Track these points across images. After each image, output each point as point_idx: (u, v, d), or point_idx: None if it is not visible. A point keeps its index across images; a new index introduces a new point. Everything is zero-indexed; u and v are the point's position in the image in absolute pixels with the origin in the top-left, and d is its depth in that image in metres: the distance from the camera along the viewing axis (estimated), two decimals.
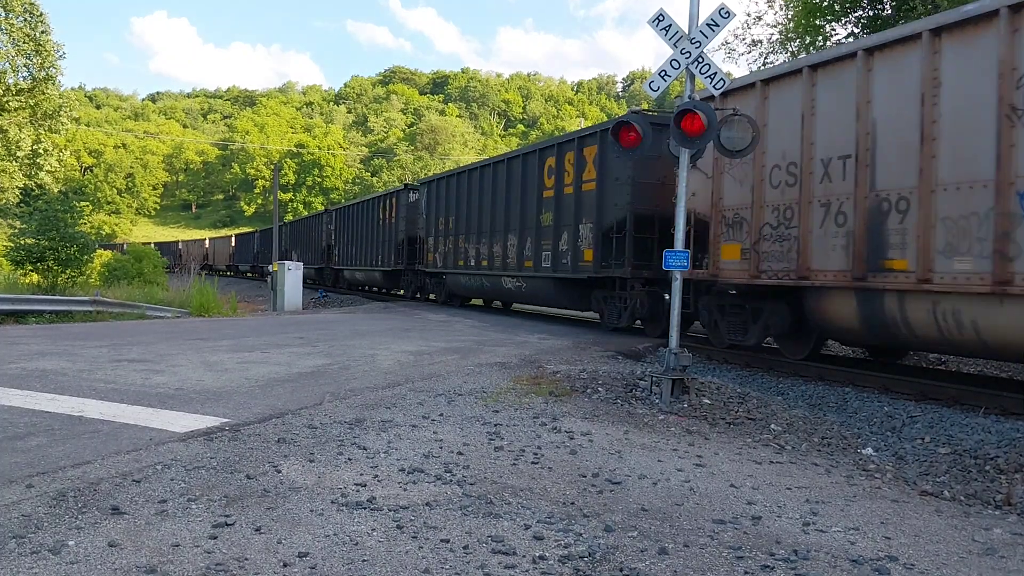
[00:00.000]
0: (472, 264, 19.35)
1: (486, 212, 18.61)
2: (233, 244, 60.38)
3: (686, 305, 10.24)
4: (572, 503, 4.28)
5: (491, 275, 18.43)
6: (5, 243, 26.82)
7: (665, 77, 7.61)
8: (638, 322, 13.95)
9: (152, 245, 71.80)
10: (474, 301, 23.25)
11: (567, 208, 14.74)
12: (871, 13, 18.71)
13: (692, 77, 7.65)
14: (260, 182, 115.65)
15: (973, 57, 7.33)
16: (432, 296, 23.94)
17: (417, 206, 24.04)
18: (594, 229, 13.69)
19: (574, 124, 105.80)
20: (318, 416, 6.21)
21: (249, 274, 54.88)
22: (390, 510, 4.00)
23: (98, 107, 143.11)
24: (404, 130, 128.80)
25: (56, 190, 35.70)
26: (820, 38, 19.28)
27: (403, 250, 24.48)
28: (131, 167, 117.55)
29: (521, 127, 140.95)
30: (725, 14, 7.38)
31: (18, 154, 31.62)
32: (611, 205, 13.30)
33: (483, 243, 18.71)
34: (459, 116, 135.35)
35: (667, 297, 11.08)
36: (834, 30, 19.49)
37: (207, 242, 68.02)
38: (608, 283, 13.81)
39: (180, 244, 73.06)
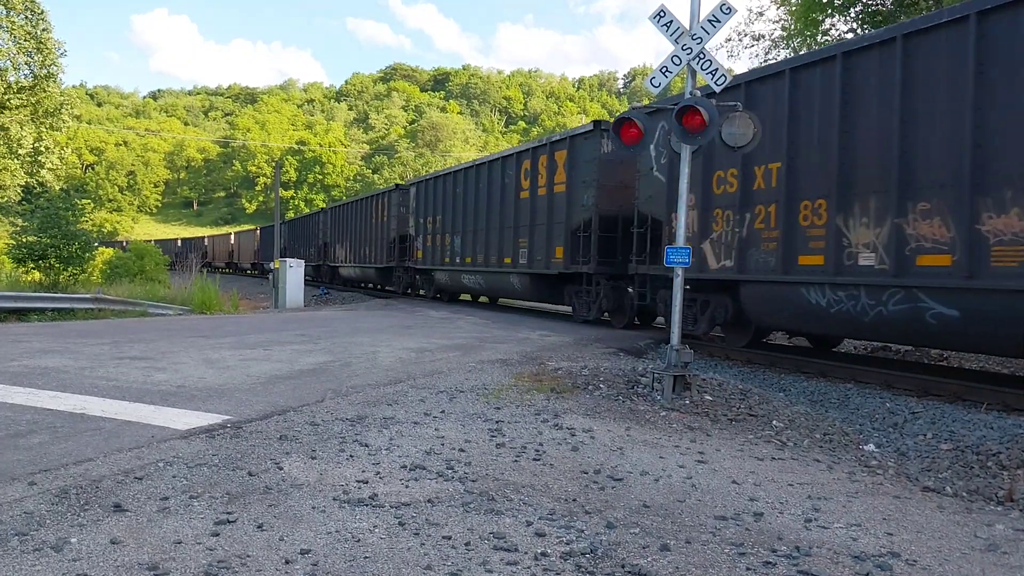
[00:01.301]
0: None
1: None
2: (258, 238, 51.96)
3: None
4: (574, 500, 4.28)
5: None
6: (7, 241, 26.84)
7: (666, 73, 7.60)
8: None
9: (178, 242, 70.00)
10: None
11: None
12: (871, 8, 18.67)
13: (693, 73, 7.63)
14: (261, 179, 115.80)
15: None
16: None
17: (619, 163, 13.90)
18: None
19: (576, 121, 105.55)
20: (320, 413, 6.21)
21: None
22: (392, 507, 4.00)
23: (99, 105, 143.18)
24: (405, 127, 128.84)
25: (58, 188, 35.70)
26: (820, 34, 19.26)
27: (584, 240, 14.38)
28: (132, 165, 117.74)
29: (523, 124, 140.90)
30: (726, 10, 7.36)
31: (20, 152, 31.64)
32: None
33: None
34: (460, 113, 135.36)
35: None
36: (834, 25, 19.47)
37: (232, 237, 60.14)
38: None
39: (207, 240, 66.77)
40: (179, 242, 70.46)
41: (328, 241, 36.03)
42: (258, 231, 52.58)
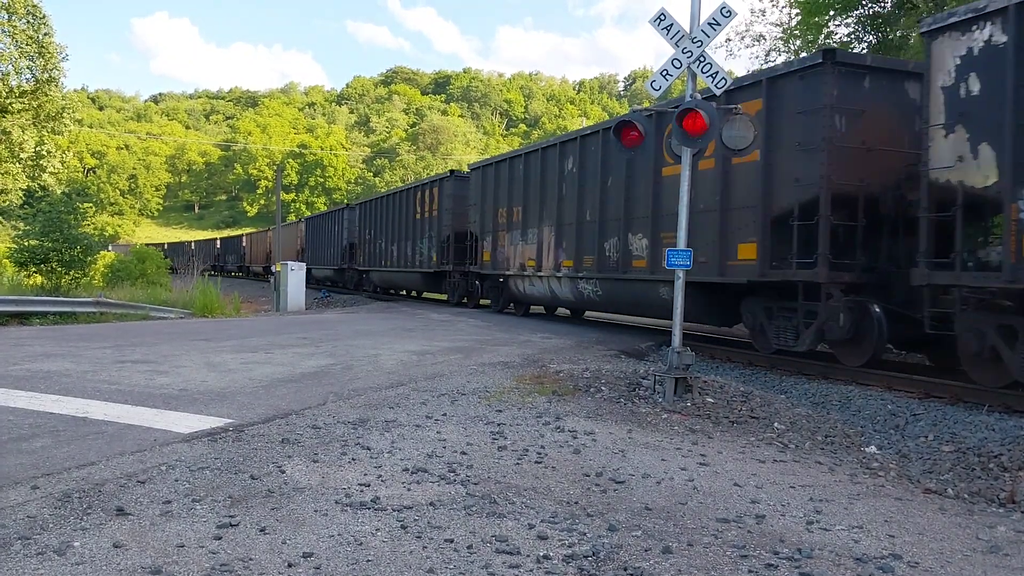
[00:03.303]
0: None
1: None
2: (302, 234, 40.81)
3: None
4: (576, 502, 4.28)
5: None
6: (9, 245, 26.88)
7: (667, 76, 7.61)
8: None
9: (217, 242, 63.69)
10: None
11: None
12: (872, 11, 18.69)
13: (694, 76, 7.64)
14: (263, 183, 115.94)
15: None
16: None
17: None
18: None
19: (577, 123, 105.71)
20: (322, 416, 6.22)
21: (334, 284, 35.10)
22: (394, 510, 4.00)
23: (101, 108, 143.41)
24: (406, 130, 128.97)
25: (59, 191, 35.75)
26: (821, 36, 19.27)
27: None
28: (134, 168, 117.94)
29: (523, 127, 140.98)
30: (727, 13, 7.37)
31: (21, 156, 31.67)
32: None
33: None
34: (461, 116, 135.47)
35: None
36: (836, 28, 19.48)
37: (269, 234, 48.38)
38: None
39: (243, 239, 56.97)
40: (218, 243, 64.64)
41: (502, 223, 19.07)
42: (302, 225, 42.40)
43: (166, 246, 69.57)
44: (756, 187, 10.18)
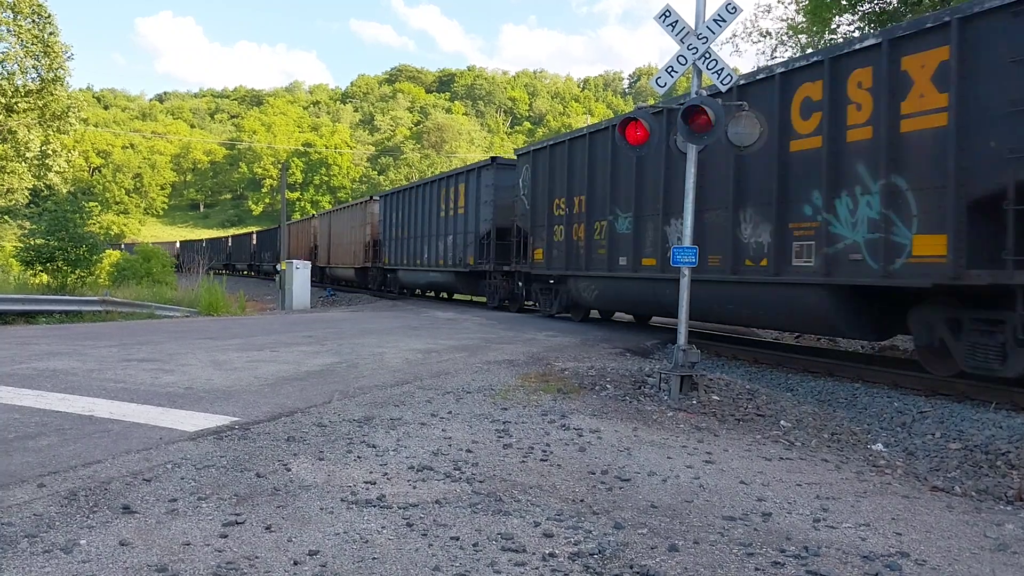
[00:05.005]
0: None
1: None
2: (375, 218, 29.27)
3: None
4: (581, 500, 4.28)
5: None
6: (15, 244, 26.97)
7: (672, 73, 7.59)
8: None
9: (254, 236, 59.08)
10: None
11: None
12: (877, 8, 18.64)
13: (699, 73, 7.62)
14: (268, 181, 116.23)
15: None
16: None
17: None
18: None
19: (581, 121, 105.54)
20: (327, 414, 6.22)
21: (451, 292, 25.47)
22: (400, 508, 4.00)
23: (106, 108, 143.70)
24: (410, 128, 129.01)
25: (65, 191, 35.87)
26: (827, 32, 19.24)
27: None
28: (139, 167, 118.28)
29: (528, 124, 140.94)
30: (732, 9, 7.35)
31: (27, 155, 31.80)
32: None
33: None
34: (465, 114, 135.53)
35: None
36: (840, 24, 19.44)
37: (315, 224, 40.09)
38: None
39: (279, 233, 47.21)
40: (254, 237, 58.47)
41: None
42: (376, 206, 29.50)
43: (204, 243, 69.51)
44: None
